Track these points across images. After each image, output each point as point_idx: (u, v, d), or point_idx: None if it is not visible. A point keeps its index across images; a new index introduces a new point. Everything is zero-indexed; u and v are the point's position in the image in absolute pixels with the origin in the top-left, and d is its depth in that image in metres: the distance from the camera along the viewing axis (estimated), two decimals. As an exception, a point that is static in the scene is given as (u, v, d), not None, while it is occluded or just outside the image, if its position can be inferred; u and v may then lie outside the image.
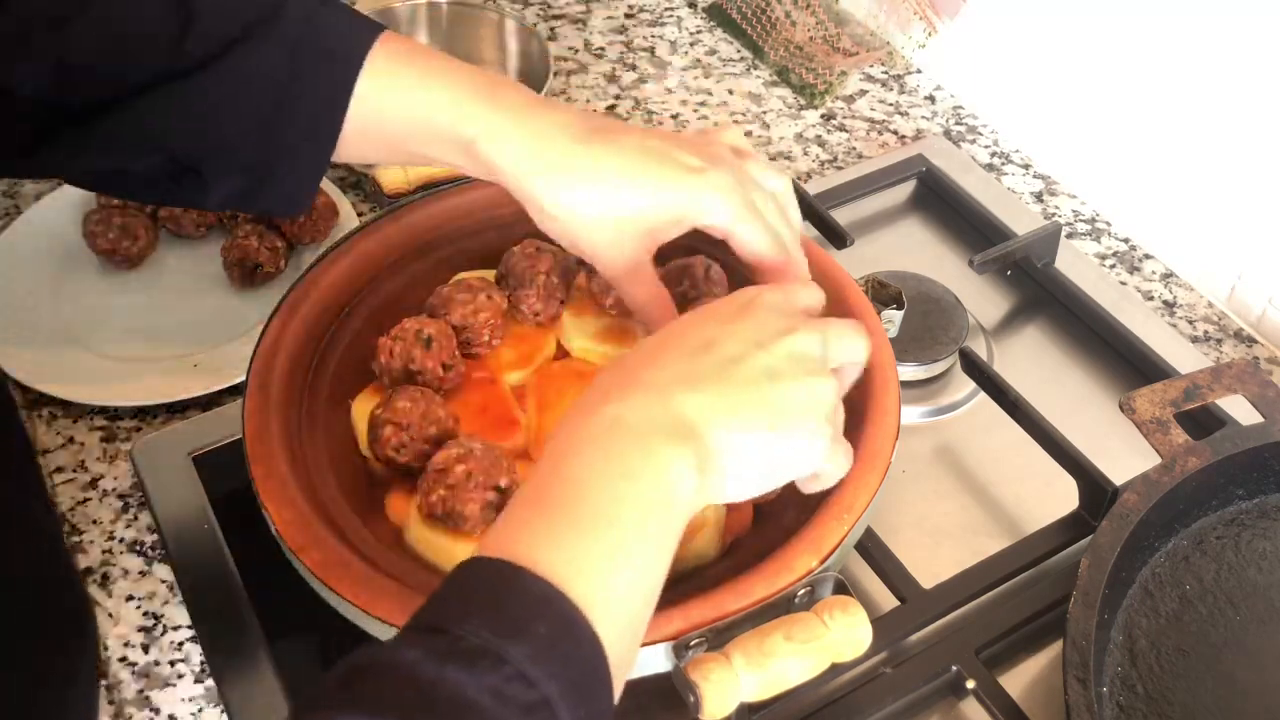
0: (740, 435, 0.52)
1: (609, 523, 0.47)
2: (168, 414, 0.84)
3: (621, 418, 0.50)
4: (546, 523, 0.47)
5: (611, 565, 0.46)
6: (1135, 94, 0.97)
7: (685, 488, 0.49)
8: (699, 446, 0.50)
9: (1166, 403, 0.73)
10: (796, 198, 0.69)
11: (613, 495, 0.48)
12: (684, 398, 0.51)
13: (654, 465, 0.49)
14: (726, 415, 0.51)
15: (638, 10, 1.26)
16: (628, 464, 0.48)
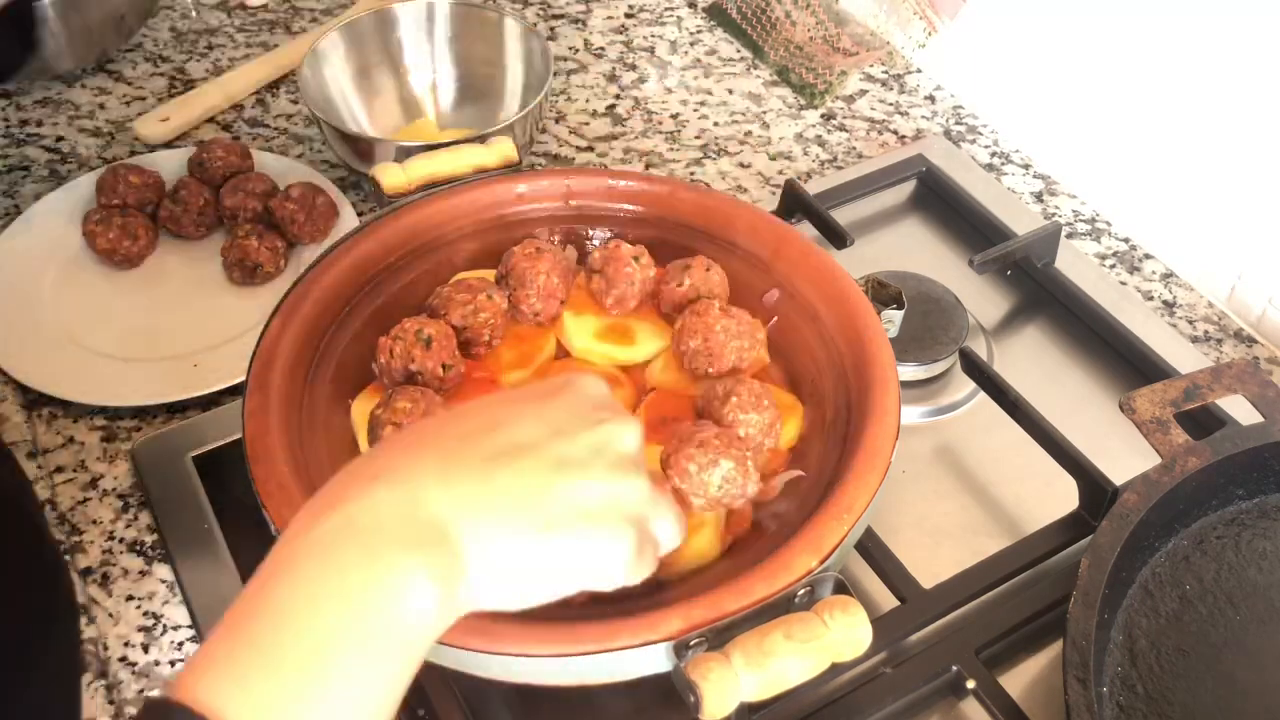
0: (502, 537, 0.45)
1: (307, 660, 0.40)
2: (168, 414, 0.84)
3: (354, 520, 0.43)
4: (235, 658, 0.40)
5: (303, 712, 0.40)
6: (1135, 94, 0.97)
7: (421, 604, 0.42)
8: (445, 553, 0.43)
9: (1166, 403, 0.73)
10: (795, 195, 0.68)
11: (317, 622, 0.41)
12: (436, 491, 0.44)
13: (379, 582, 0.41)
14: (485, 512, 0.44)
15: (638, 10, 1.26)
16: (346, 581, 0.41)
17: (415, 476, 0.44)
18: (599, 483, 0.47)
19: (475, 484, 0.45)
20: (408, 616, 0.42)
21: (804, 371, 0.73)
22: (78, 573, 0.75)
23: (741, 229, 0.77)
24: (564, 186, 0.80)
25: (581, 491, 0.47)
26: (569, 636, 0.55)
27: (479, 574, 0.44)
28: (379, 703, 0.42)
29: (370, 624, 0.41)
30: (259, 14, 1.23)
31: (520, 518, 0.45)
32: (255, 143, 1.08)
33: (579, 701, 0.68)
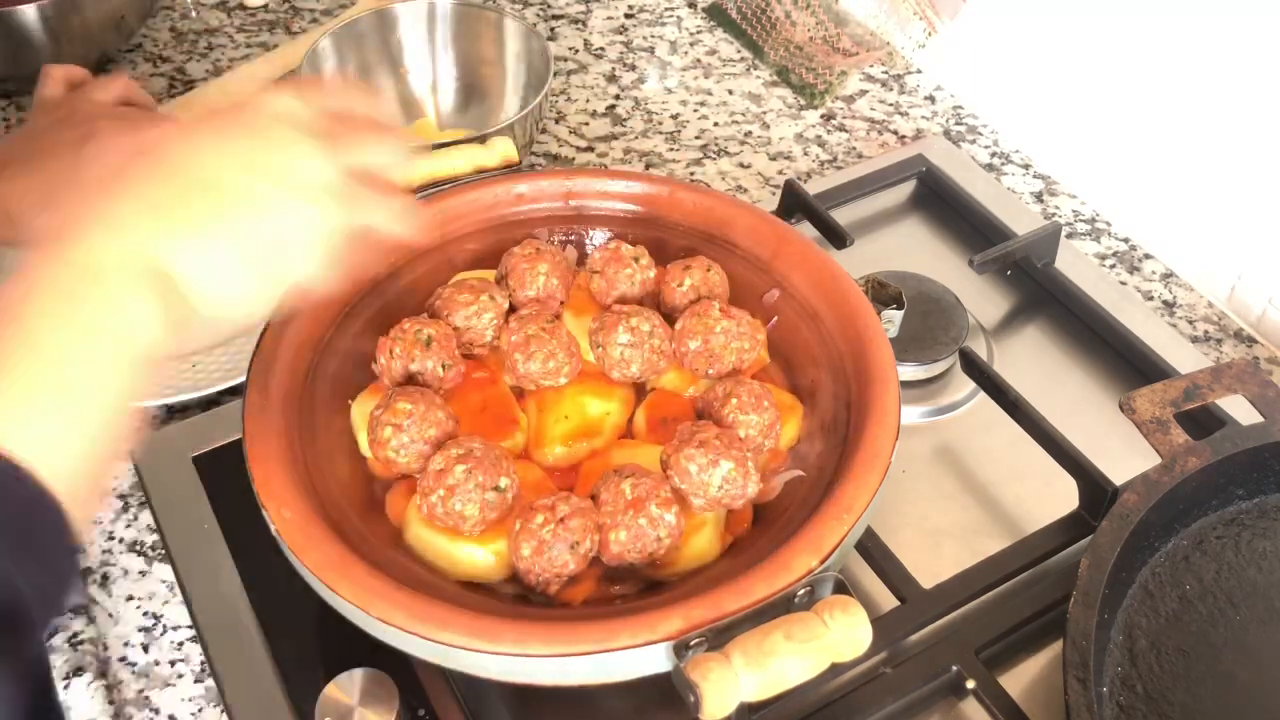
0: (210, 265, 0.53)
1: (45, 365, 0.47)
2: (168, 414, 0.84)
3: (87, 266, 0.50)
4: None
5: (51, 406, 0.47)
6: (1135, 94, 0.97)
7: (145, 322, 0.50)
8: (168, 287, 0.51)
9: (1166, 403, 0.73)
10: (795, 195, 0.68)
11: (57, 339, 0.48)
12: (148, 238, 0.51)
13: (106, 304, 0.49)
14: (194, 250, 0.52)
15: (638, 10, 1.26)
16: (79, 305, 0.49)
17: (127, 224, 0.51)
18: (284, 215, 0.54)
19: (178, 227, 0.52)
20: (135, 330, 0.50)
21: (804, 371, 0.73)
22: (77, 572, 0.75)
23: (741, 229, 0.77)
24: (564, 186, 0.80)
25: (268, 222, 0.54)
26: (569, 636, 0.55)
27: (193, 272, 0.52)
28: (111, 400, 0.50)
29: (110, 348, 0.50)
30: (259, 14, 1.23)
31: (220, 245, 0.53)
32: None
33: (579, 701, 0.68)
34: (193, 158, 0.54)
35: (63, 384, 0.48)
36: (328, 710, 0.64)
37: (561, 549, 0.60)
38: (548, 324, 0.71)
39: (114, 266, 0.50)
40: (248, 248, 0.53)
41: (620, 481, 0.62)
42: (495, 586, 0.63)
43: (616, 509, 0.61)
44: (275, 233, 0.54)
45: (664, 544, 0.62)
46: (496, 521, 0.63)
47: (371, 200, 0.57)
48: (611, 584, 0.63)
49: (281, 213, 0.54)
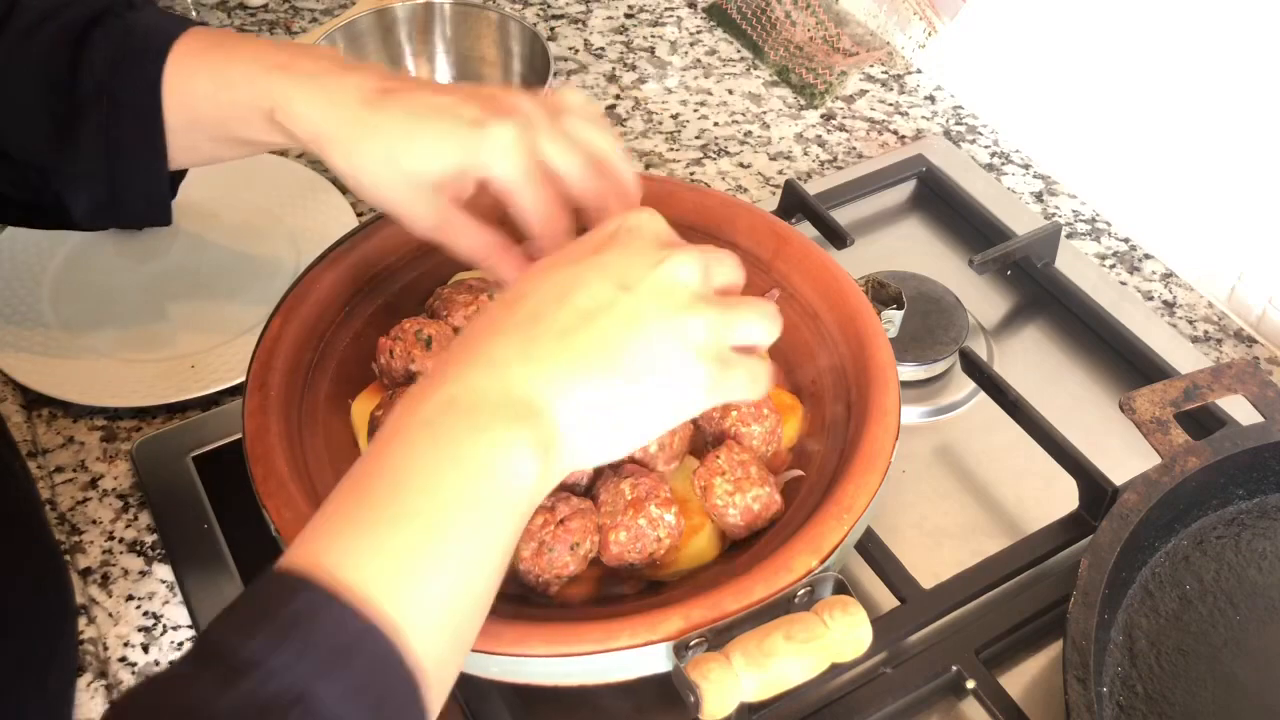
0: (588, 402, 0.49)
1: (429, 519, 0.44)
2: (168, 414, 0.84)
3: (456, 399, 0.47)
4: (358, 521, 0.44)
5: (430, 568, 0.43)
6: (1135, 94, 0.97)
7: (525, 472, 0.46)
8: (541, 425, 0.47)
9: (1166, 403, 0.73)
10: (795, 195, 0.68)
11: (436, 487, 0.45)
12: (523, 371, 0.48)
13: (487, 453, 0.46)
14: (569, 382, 0.48)
15: (638, 10, 1.26)
16: (457, 452, 0.45)
17: (501, 360, 0.48)
18: (664, 328, 0.50)
19: (554, 358, 0.49)
20: (514, 480, 0.46)
21: (804, 371, 0.73)
22: (78, 572, 0.75)
23: (741, 229, 0.77)
24: (564, 186, 0.80)
25: (650, 342, 0.50)
26: (569, 636, 0.55)
27: (572, 437, 0.48)
28: (492, 562, 0.46)
29: (483, 489, 0.45)
30: (259, 14, 1.23)
31: (599, 379, 0.49)
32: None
33: (579, 701, 0.68)
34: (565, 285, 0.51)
35: (437, 536, 0.44)
36: (328, 710, 0.64)
37: (561, 550, 0.60)
38: None
39: (490, 406, 0.47)
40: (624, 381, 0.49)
41: (620, 482, 0.62)
42: (495, 587, 0.63)
43: (616, 509, 0.61)
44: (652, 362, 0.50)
45: (664, 544, 0.62)
46: (496, 521, 0.62)
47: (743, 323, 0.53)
48: (611, 584, 0.63)
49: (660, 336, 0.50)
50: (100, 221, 0.70)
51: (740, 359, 0.53)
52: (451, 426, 0.46)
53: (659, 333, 0.50)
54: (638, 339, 0.50)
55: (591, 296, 0.50)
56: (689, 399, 0.52)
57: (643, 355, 0.50)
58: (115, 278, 0.94)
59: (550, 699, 0.66)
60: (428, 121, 0.61)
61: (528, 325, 0.50)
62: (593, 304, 0.50)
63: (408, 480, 0.45)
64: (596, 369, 0.49)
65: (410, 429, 0.46)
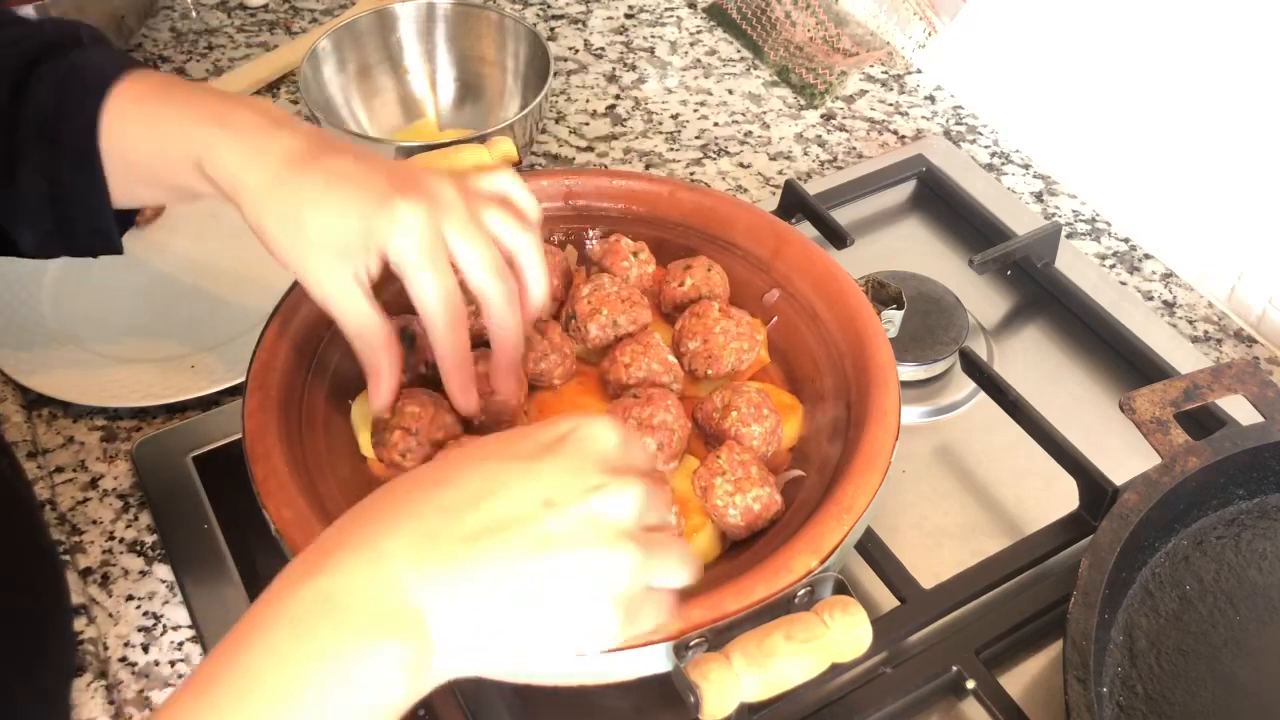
0: (475, 620, 0.45)
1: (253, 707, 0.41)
2: (168, 414, 0.84)
3: (331, 595, 0.43)
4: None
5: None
6: (1135, 94, 0.97)
7: (390, 684, 0.43)
8: (418, 637, 0.44)
9: (1166, 403, 0.73)
10: (795, 195, 0.68)
11: (286, 694, 0.41)
12: (410, 577, 0.44)
13: (351, 663, 0.42)
14: (458, 595, 0.44)
15: (638, 10, 1.26)
16: (319, 658, 0.42)
17: (390, 555, 0.44)
18: (582, 561, 0.46)
19: (450, 568, 0.45)
20: (376, 695, 0.43)
21: (804, 371, 0.73)
22: (77, 572, 0.75)
23: (741, 229, 0.77)
24: (564, 186, 0.80)
25: (562, 571, 0.46)
26: (569, 636, 0.55)
27: (451, 652, 0.45)
28: None
29: (340, 701, 0.42)
30: (259, 14, 1.23)
31: (492, 598, 0.45)
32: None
33: (579, 701, 0.68)
34: (487, 483, 0.47)
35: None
36: (328, 710, 0.64)
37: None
38: (541, 324, 0.71)
39: (365, 609, 0.43)
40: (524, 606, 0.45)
41: (620, 481, 0.62)
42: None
43: (616, 509, 0.61)
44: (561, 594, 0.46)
45: (664, 544, 0.61)
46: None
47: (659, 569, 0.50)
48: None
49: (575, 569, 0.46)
50: (48, 254, 0.70)
51: (649, 595, 0.50)
52: (315, 629, 0.43)
53: (571, 564, 0.46)
54: (546, 564, 0.46)
55: (511, 505, 0.46)
56: (590, 633, 0.48)
57: (547, 582, 0.46)
58: (115, 278, 0.94)
59: (550, 699, 0.66)
60: (339, 189, 0.59)
61: (432, 518, 0.46)
62: (510, 514, 0.46)
63: (258, 684, 0.41)
64: (491, 587, 0.45)
65: (273, 625, 0.43)
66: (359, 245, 0.59)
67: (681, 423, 0.66)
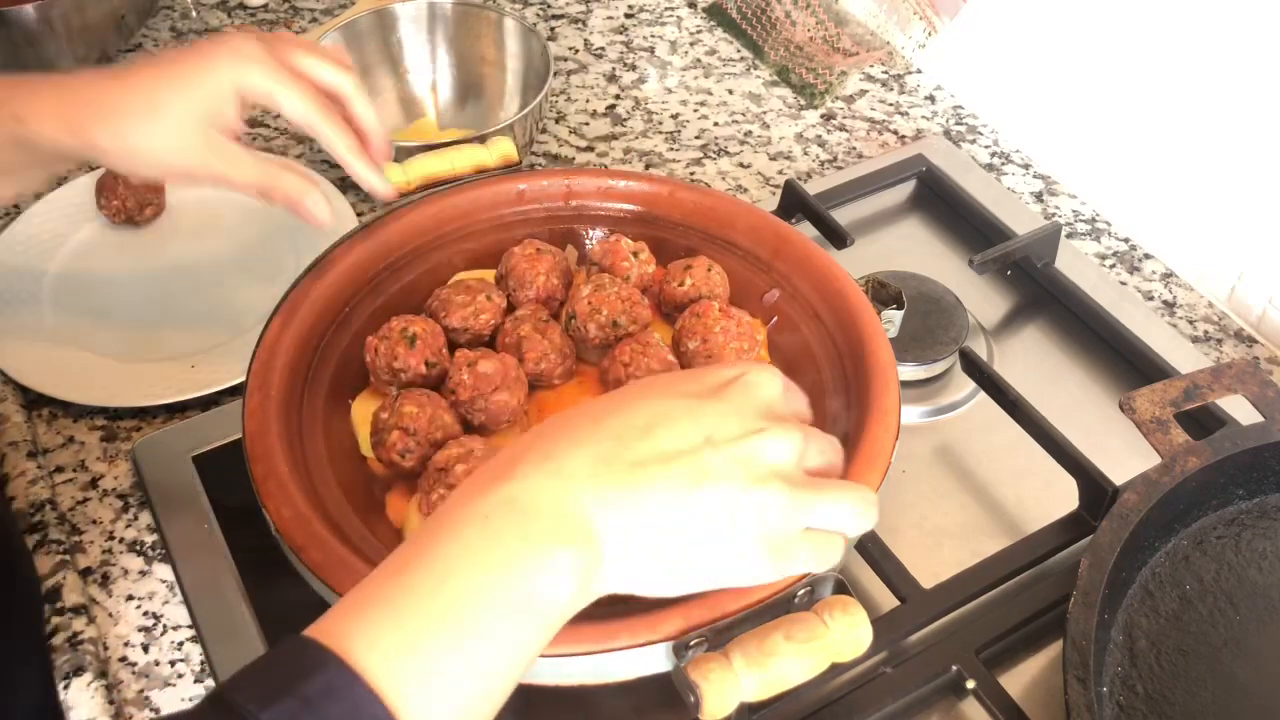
0: (639, 539, 0.48)
1: (462, 619, 0.44)
2: (168, 414, 0.84)
3: (516, 500, 0.47)
4: (394, 603, 0.44)
5: (449, 663, 0.43)
6: (1135, 94, 0.97)
7: (563, 590, 0.46)
8: (590, 547, 0.47)
9: (1166, 403, 0.73)
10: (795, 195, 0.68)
11: (475, 588, 0.45)
12: (587, 490, 0.48)
13: (532, 562, 0.46)
14: (626, 514, 0.48)
15: (638, 10, 1.26)
16: (506, 555, 0.46)
17: (569, 471, 0.48)
18: (732, 497, 0.49)
19: (621, 488, 0.48)
20: (549, 593, 0.46)
21: (804, 371, 0.73)
22: (77, 572, 0.75)
23: (741, 229, 0.77)
24: (564, 186, 0.80)
25: (712, 505, 0.49)
26: (569, 636, 0.55)
27: (614, 567, 0.48)
28: (508, 664, 0.46)
29: (517, 592, 0.45)
30: (259, 14, 1.23)
31: (657, 522, 0.48)
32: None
33: (579, 701, 0.68)
34: (657, 417, 0.50)
35: (468, 634, 0.44)
36: (328, 710, 0.64)
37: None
38: (541, 324, 0.72)
39: (547, 514, 0.47)
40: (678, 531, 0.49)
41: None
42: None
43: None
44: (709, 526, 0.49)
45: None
46: (497, 522, 0.62)
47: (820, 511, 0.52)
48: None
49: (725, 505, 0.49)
50: None
51: (810, 536, 0.52)
52: (504, 528, 0.46)
53: (727, 499, 0.49)
54: (706, 497, 0.49)
55: (677, 439, 0.50)
56: (739, 570, 0.51)
57: (705, 513, 0.49)
58: (115, 278, 0.94)
59: (550, 699, 0.66)
60: (176, 66, 0.66)
61: (607, 443, 0.49)
62: (675, 447, 0.49)
63: (450, 573, 0.45)
64: (657, 511, 0.49)
65: (465, 521, 0.47)
66: (220, 99, 0.66)
67: None
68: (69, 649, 0.70)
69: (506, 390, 0.68)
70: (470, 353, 0.69)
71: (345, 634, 0.43)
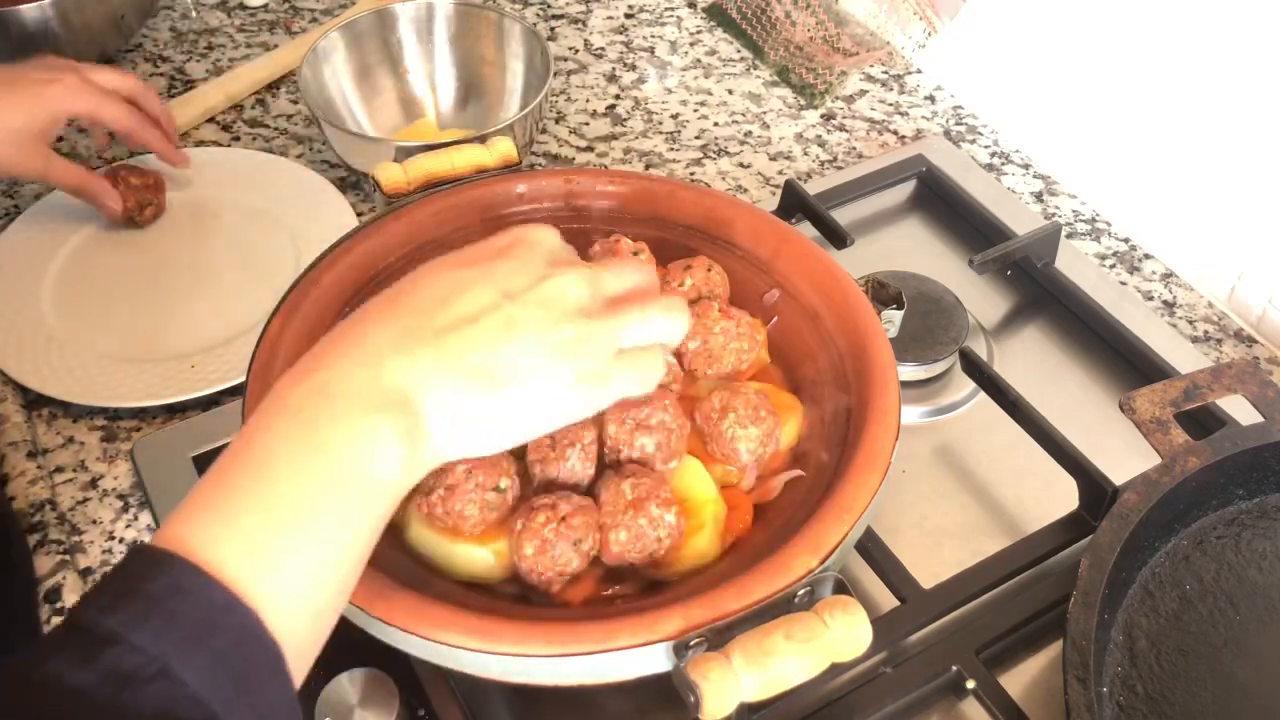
0: (457, 399, 0.49)
1: (290, 502, 0.45)
2: (168, 414, 0.84)
3: (327, 385, 0.48)
4: (223, 503, 0.45)
5: (289, 547, 0.44)
6: (1135, 94, 0.97)
7: (388, 457, 0.47)
8: (408, 415, 0.48)
9: (1166, 403, 0.73)
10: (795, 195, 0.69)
11: (297, 472, 0.46)
12: (395, 362, 0.49)
13: (350, 438, 0.47)
14: (439, 377, 0.49)
15: (638, 10, 1.26)
16: (322, 437, 0.46)
17: (375, 349, 0.49)
18: (544, 335, 0.51)
19: (431, 355, 0.49)
20: (377, 468, 0.47)
21: (804, 371, 0.73)
22: (77, 572, 0.75)
23: (741, 229, 0.77)
24: (564, 186, 0.80)
25: (528, 347, 0.51)
26: (569, 636, 0.55)
27: (439, 431, 0.49)
28: (351, 548, 0.47)
29: (344, 474, 0.46)
30: (259, 14, 1.23)
31: (469, 378, 0.50)
32: (255, 143, 1.08)
33: (579, 701, 0.68)
34: (451, 286, 0.52)
35: (298, 518, 0.45)
36: (327, 710, 0.64)
37: (565, 547, 0.60)
38: None
39: (359, 394, 0.48)
40: (497, 384, 0.50)
41: (620, 482, 0.62)
42: (495, 586, 0.63)
43: (616, 509, 0.61)
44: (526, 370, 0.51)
45: (664, 544, 0.61)
46: (496, 522, 0.62)
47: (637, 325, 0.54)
48: (611, 584, 0.63)
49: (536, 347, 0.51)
50: None
51: (625, 359, 0.54)
52: (316, 413, 0.47)
53: (533, 342, 0.51)
54: (511, 345, 0.51)
55: (474, 301, 0.51)
56: (564, 405, 0.53)
57: (514, 361, 0.51)
58: (115, 278, 0.94)
59: (550, 699, 0.66)
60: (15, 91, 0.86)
61: (407, 318, 0.51)
62: (473, 309, 0.51)
63: (271, 465, 0.46)
64: (468, 369, 0.50)
65: (277, 415, 0.47)
66: (54, 121, 0.88)
67: (680, 422, 0.66)
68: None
69: None
70: None
71: (183, 538, 0.43)
